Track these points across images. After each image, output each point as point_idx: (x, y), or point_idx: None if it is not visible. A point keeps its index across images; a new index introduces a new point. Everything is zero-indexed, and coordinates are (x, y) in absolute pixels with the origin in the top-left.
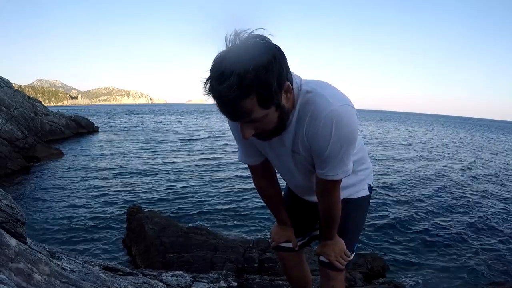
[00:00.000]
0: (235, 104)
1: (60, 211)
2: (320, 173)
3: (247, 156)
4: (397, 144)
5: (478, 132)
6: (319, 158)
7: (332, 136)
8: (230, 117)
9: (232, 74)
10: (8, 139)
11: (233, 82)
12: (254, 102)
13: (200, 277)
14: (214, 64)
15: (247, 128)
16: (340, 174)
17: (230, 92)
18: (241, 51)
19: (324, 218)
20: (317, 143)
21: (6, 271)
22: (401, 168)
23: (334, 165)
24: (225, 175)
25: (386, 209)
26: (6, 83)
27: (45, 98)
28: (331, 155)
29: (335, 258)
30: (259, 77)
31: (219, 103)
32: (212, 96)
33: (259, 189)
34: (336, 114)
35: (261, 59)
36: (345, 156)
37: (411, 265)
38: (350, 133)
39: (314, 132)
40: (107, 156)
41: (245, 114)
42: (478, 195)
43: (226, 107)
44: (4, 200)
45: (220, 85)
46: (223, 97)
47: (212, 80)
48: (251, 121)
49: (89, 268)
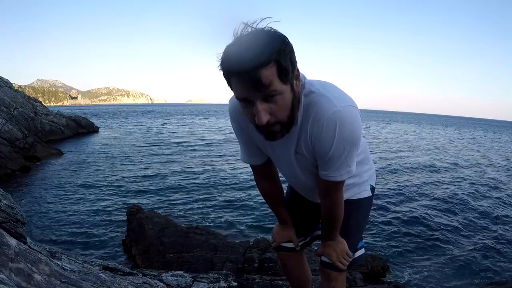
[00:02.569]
0: (257, 72)
1: (60, 211)
2: (323, 174)
3: (249, 156)
4: (397, 144)
5: (482, 131)
6: (323, 159)
7: (335, 137)
8: (251, 88)
9: (252, 43)
10: (8, 139)
11: (254, 50)
12: (274, 71)
13: (200, 277)
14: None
15: (264, 109)
16: (344, 175)
17: (251, 60)
18: (257, 30)
19: (326, 219)
20: (320, 144)
21: (6, 271)
22: (402, 168)
23: (337, 166)
24: (225, 175)
25: (386, 209)
26: (6, 83)
27: (45, 98)
28: (335, 156)
29: (337, 258)
30: (277, 47)
31: (239, 73)
32: (230, 68)
33: (261, 189)
34: (340, 115)
35: (276, 34)
36: (349, 157)
37: (411, 265)
38: (354, 134)
39: (318, 133)
40: (107, 156)
41: (265, 85)
42: (479, 195)
43: (247, 76)
44: (4, 200)
45: (241, 54)
46: (244, 65)
47: (230, 52)
48: (269, 96)
49: (89, 268)
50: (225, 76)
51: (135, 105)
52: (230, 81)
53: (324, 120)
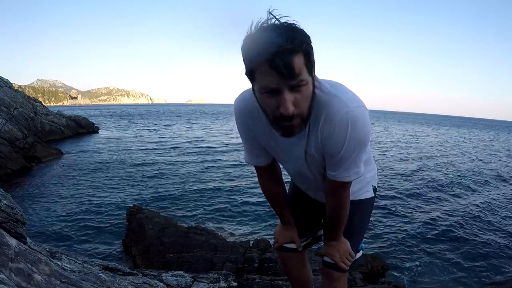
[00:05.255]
0: (290, 59)
1: (60, 211)
2: (332, 175)
3: (255, 157)
4: (397, 144)
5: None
6: (332, 159)
7: (347, 137)
8: (282, 76)
9: (283, 31)
10: (8, 139)
11: (286, 37)
12: (302, 61)
13: (200, 277)
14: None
15: (290, 99)
16: (352, 175)
17: (285, 45)
18: (284, 21)
19: (331, 219)
20: (331, 144)
21: (6, 271)
22: (402, 168)
23: (347, 166)
24: (226, 175)
25: (386, 209)
26: (6, 83)
27: (45, 98)
28: (345, 157)
29: (340, 259)
30: (306, 38)
31: (271, 59)
32: (261, 55)
33: (265, 190)
34: (352, 116)
35: (301, 27)
36: (358, 157)
37: (411, 265)
38: (364, 134)
39: (329, 133)
40: (107, 156)
41: (296, 73)
42: (479, 195)
43: (281, 62)
44: (4, 200)
45: (272, 40)
46: (278, 50)
47: (260, 38)
48: (296, 86)
49: (89, 268)
50: (251, 65)
51: (135, 105)
52: (254, 71)
53: (337, 120)
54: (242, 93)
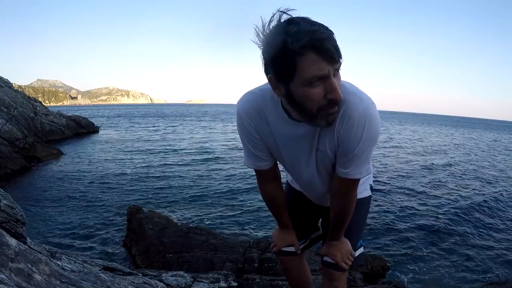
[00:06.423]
0: (335, 40)
1: (60, 211)
2: (344, 172)
3: (257, 161)
4: (397, 143)
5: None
6: (346, 157)
7: (363, 135)
8: (332, 60)
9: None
10: (8, 139)
11: (320, 24)
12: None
13: (200, 277)
14: (288, 23)
15: (336, 81)
16: (364, 172)
17: (326, 31)
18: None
19: (335, 219)
20: (348, 141)
21: (6, 271)
22: (401, 168)
23: (359, 163)
24: (226, 176)
25: (386, 209)
26: (6, 83)
27: (45, 98)
28: (358, 154)
29: (341, 259)
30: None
31: (322, 44)
32: (312, 40)
33: (265, 194)
34: (368, 113)
35: None
36: (369, 154)
37: (411, 265)
38: (378, 132)
39: (348, 130)
40: (107, 156)
41: (341, 56)
42: (480, 195)
43: (332, 46)
44: (4, 200)
45: (313, 29)
46: (322, 36)
47: (304, 27)
48: (337, 70)
49: (89, 268)
50: (292, 58)
51: (135, 105)
52: (296, 64)
53: (354, 117)
54: (244, 96)
